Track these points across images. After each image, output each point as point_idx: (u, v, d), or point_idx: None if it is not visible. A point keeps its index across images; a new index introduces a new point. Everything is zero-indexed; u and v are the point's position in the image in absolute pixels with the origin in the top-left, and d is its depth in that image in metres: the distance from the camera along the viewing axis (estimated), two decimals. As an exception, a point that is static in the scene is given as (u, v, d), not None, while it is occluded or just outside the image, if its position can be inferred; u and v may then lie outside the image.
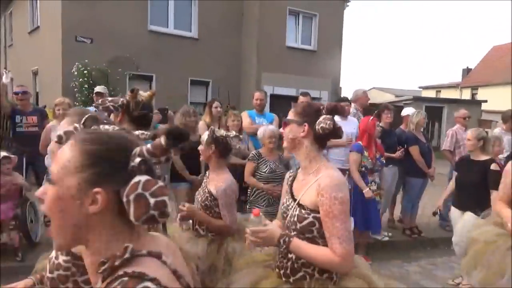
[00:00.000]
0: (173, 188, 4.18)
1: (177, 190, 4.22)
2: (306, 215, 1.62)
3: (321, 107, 1.73)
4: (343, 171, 4.36)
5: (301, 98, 4.92)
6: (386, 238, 5.01)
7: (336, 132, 1.69)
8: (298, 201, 1.68)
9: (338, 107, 1.72)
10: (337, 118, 4.88)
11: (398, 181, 5.21)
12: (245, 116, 4.87)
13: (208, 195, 2.53)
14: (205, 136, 2.61)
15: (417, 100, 15.79)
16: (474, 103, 19.11)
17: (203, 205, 2.54)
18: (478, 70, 32.99)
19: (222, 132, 2.66)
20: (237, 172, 4.27)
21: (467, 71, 35.23)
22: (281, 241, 1.62)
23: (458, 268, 4.44)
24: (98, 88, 5.19)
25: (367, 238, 4.62)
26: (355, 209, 4.17)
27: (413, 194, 5.22)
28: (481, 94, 28.32)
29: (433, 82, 40.84)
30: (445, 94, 32.09)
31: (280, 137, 4.79)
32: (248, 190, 4.10)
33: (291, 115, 1.78)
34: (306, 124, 1.68)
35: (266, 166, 3.94)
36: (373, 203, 4.19)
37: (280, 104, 10.59)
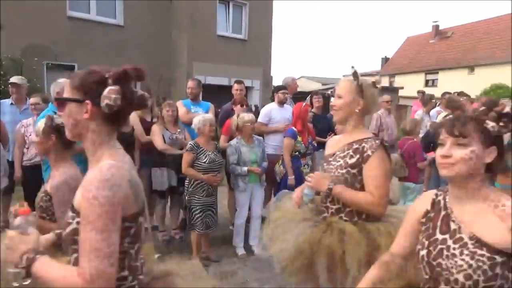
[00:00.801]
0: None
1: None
2: (71, 220, 1.25)
3: (106, 75, 1.25)
4: (278, 156, 4.49)
5: (236, 86, 4.92)
6: (321, 219, 5.25)
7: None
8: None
9: (128, 72, 1.26)
10: (274, 105, 5.01)
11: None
12: (180, 106, 4.76)
13: (43, 194, 2.13)
14: (41, 125, 2.19)
15: (342, 87, 16.59)
16: (392, 89, 20.68)
17: (38, 206, 2.13)
18: (394, 59, 35.68)
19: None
20: (175, 162, 4.19)
21: (385, 60, 37.92)
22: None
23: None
24: (13, 79, 4.70)
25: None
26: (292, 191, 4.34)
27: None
28: (398, 81, 30.73)
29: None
30: (367, 81, 34.19)
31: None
32: (186, 181, 4.04)
33: (67, 91, 1.29)
34: (88, 101, 1.23)
35: (205, 156, 3.90)
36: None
37: (212, 94, 10.50)
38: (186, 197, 4.01)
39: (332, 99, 5.92)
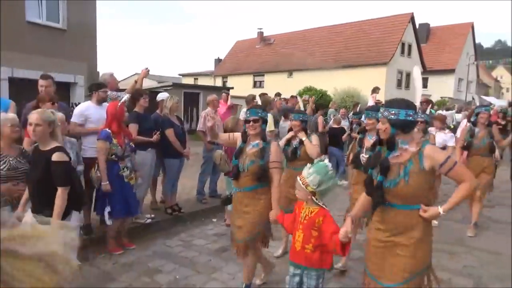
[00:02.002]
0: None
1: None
2: None
3: None
4: (95, 159, 4.15)
5: (41, 82, 4.31)
6: (149, 220, 5.13)
7: None
8: None
9: None
10: (90, 103, 4.59)
11: (157, 163, 5.38)
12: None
13: None
14: None
15: (176, 86, 16.70)
16: (224, 89, 21.90)
17: None
18: (226, 61, 37.76)
19: None
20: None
21: (218, 61, 39.78)
22: None
23: (215, 234, 5.06)
24: None
25: (128, 224, 4.61)
26: (112, 197, 4.07)
27: (172, 174, 5.53)
28: (230, 82, 32.66)
29: (191, 70, 44.21)
30: (202, 81, 35.32)
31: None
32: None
33: None
34: None
35: (5, 163, 3.29)
36: (129, 188, 4.19)
37: (22, 89, 9.02)
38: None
39: (158, 96, 5.78)
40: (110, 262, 4.13)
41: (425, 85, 32.04)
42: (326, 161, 2.69)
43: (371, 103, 8.67)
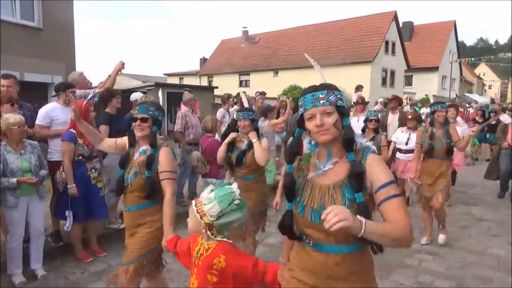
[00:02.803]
0: None
1: None
2: None
3: None
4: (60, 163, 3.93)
5: (3, 82, 4.05)
6: (123, 226, 4.89)
7: None
8: None
9: None
10: (57, 104, 4.34)
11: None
12: None
13: None
14: None
15: (159, 85, 16.42)
16: (209, 89, 21.67)
17: None
18: (211, 60, 37.49)
19: None
20: None
21: (203, 61, 39.47)
22: None
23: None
24: None
25: (98, 229, 4.41)
26: (74, 199, 3.86)
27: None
28: (216, 81, 32.42)
29: (176, 69, 43.87)
30: (187, 81, 34.97)
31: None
32: None
33: None
34: None
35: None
36: (96, 190, 3.99)
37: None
38: None
39: (131, 96, 5.59)
40: (79, 271, 3.91)
41: (409, 83, 32.34)
42: (235, 186, 1.89)
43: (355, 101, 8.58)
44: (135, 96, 5.41)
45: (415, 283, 3.67)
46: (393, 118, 7.33)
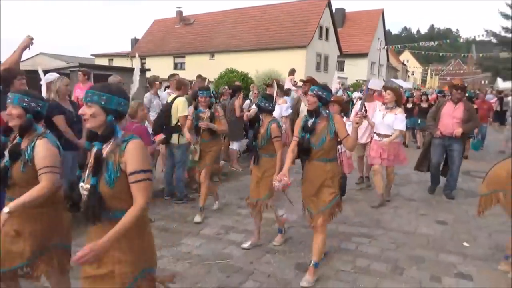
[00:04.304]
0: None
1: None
2: None
3: None
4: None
5: None
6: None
7: None
8: None
9: None
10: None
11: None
12: None
13: None
14: None
15: (84, 66, 15.09)
16: (142, 71, 20.47)
17: None
18: (144, 41, 35.63)
19: None
20: None
21: (135, 41, 37.41)
22: None
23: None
24: None
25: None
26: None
27: (67, 169, 4.73)
28: (149, 64, 30.88)
29: (106, 50, 41.05)
30: (117, 62, 32.95)
31: None
32: None
33: None
34: None
35: None
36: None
37: None
38: None
39: (45, 78, 4.94)
40: None
41: (341, 68, 33.55)
42: None
43: (288, 85, 8.51)
44: (49, 77, 4.74)
45: (353, 268, 3.66)
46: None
